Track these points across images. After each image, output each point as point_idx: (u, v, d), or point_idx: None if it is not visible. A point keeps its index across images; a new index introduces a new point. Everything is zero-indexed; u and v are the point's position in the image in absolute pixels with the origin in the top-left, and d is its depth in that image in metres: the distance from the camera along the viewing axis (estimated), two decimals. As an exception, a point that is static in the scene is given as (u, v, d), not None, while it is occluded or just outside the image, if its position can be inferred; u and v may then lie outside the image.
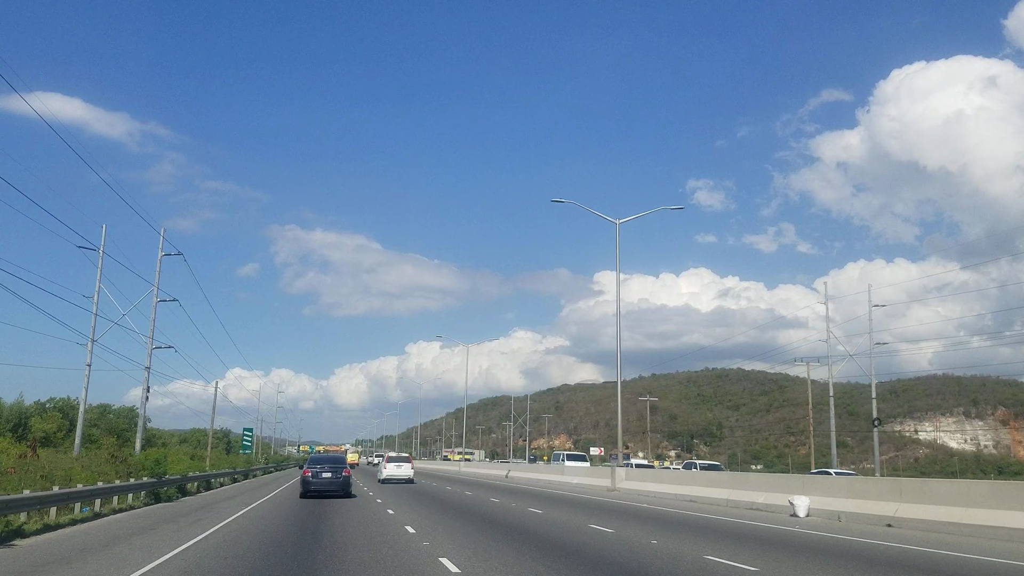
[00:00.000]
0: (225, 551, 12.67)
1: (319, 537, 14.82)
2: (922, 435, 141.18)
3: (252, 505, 23.89)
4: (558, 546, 13.76)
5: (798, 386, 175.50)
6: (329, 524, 17.73)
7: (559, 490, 37.25)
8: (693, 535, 15.92)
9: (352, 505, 24.02)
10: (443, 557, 11.80)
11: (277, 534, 15.62)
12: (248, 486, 42.34)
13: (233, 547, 13.24)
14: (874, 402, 58.18)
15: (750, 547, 13.78)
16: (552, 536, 15.53)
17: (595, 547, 13.54)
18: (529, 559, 11.82)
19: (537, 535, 15.70)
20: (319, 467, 27.44)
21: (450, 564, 11.12)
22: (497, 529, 16.92)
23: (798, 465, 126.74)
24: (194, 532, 15.79)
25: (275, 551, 12.70)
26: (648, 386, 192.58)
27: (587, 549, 13.29)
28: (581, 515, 21.10)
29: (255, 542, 14.04)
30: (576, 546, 13.75)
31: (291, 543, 13.83)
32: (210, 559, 11.75)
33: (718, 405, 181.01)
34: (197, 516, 20.22)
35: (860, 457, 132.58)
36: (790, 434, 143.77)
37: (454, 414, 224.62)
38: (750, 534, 16.52)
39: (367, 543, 13.77)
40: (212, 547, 13.26)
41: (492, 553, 12.47)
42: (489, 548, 13.18)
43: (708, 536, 15.72)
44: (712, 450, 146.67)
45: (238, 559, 11.76)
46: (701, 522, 19.42)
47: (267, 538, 14.79)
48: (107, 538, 14.89)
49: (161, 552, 12.47)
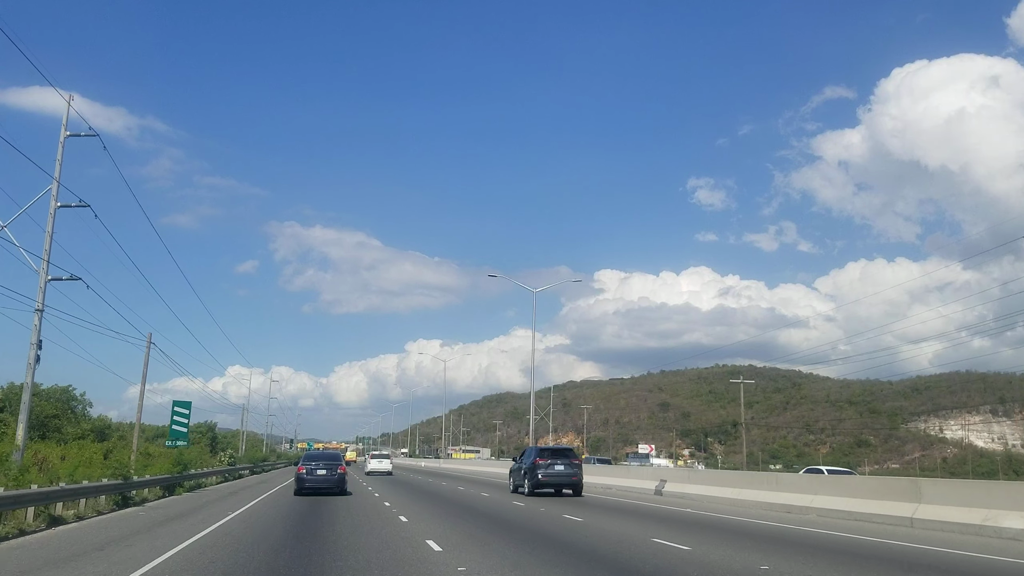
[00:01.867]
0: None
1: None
2: (948, 434, 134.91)
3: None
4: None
5: (813, 383, 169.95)
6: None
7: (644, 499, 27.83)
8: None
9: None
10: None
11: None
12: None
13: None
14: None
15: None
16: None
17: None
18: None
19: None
20: (314, 464, 26.89)
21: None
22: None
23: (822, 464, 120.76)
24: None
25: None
26: (658, 383, 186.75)
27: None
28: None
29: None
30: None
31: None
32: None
33: (731, 403, 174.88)
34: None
35: (884, 456, 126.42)
36: (809, 432, 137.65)
37: (456, 411, 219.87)
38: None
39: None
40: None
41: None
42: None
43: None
44: (728, 449, 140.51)
45: None
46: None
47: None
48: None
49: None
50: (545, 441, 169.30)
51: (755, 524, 17.09)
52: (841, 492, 19.33)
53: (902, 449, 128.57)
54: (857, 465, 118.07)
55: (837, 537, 14.37)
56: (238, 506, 21.32)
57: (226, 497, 26.59)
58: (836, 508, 18.65)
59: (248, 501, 23.68)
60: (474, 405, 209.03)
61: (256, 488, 33.56)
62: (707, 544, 12.73)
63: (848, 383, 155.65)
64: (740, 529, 15.96)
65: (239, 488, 34.00)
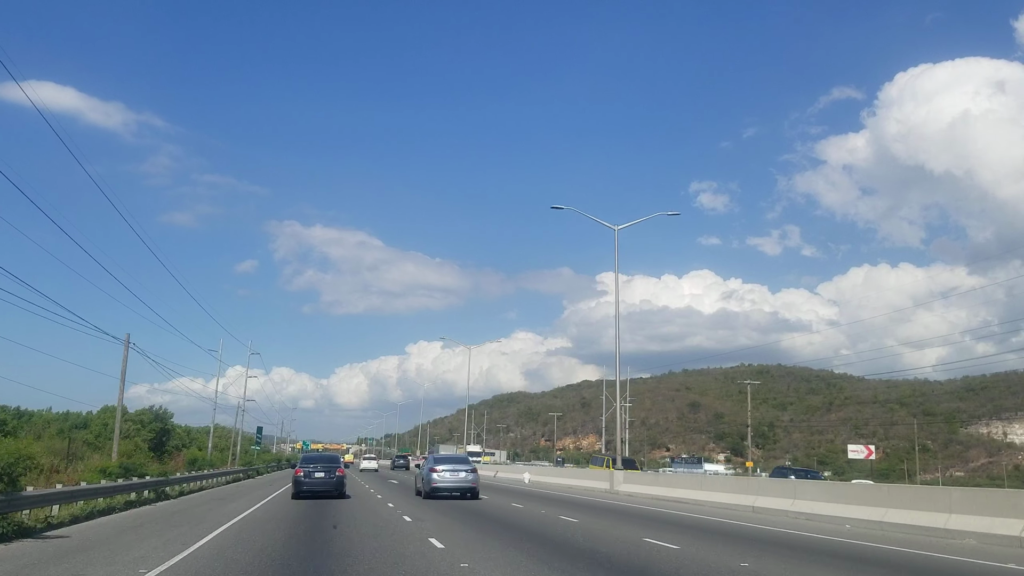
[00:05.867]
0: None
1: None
2: (1013, 438, 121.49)
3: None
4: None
5: (857, 384, 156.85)
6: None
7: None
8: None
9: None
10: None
11: None
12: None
13: None
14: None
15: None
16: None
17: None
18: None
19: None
20: (311, 467, 26.25)
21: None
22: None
23: (876, 472, 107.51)
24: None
25: None
26: (683, 382, 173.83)
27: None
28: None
29: None
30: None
31: None
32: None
33: (763, 404, 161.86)
34: None
35: (946, 463, 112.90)
36: (859, 436, 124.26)
37: (464, 411, 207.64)
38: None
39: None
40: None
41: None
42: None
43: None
44: (767, 453, 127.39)
45: None
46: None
47: None
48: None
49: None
50: (563, 443, 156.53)
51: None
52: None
53: (965, 455, 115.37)
54: (913, 474, 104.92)
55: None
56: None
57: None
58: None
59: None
60: (484, 405, 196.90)
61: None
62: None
63: (895, 383, 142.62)
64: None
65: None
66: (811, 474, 57.05)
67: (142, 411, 46.95)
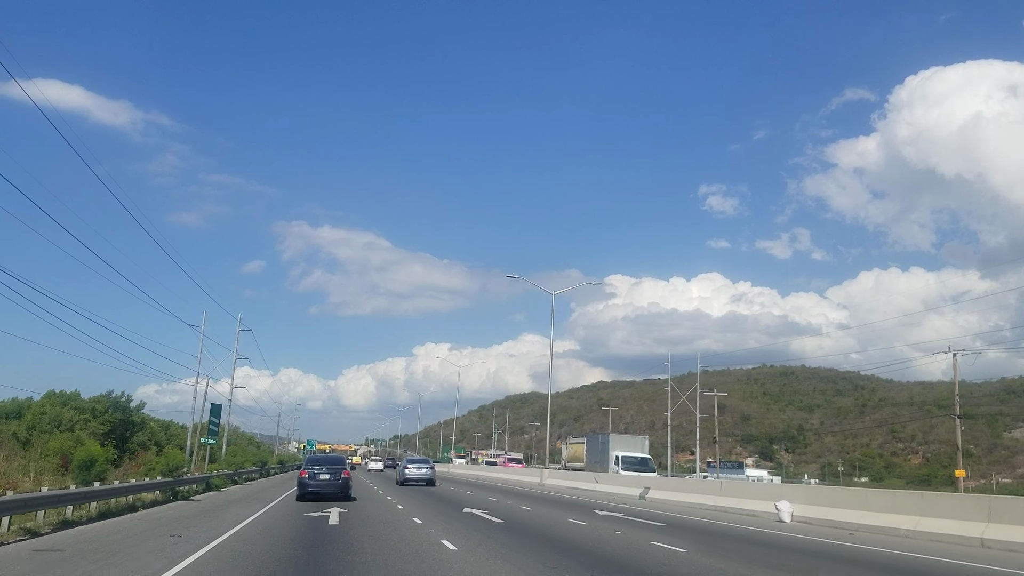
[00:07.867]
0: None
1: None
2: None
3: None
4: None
5: (892, 386, 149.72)
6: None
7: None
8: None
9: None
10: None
11: None
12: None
13: None
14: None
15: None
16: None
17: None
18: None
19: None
20: (316, 468, 25.86)
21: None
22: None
23: (915, 478, 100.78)
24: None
25: None
26: (705, 382, 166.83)
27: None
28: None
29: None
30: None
31: None
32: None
33: (789, 406, 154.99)
34: None
35: (991, 468, 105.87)
36: (896, 440, 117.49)
37: (476, 412, 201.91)
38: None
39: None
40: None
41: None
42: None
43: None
44: (797, 458, 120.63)
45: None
46: None
47: None
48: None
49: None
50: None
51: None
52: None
53: (1012, 460, 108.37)
54: (957, 479, 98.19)
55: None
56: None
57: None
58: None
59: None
60: (496, 406, 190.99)
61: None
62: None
63: (930, 385, 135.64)
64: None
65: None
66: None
67: (97, 397, 39.41)
